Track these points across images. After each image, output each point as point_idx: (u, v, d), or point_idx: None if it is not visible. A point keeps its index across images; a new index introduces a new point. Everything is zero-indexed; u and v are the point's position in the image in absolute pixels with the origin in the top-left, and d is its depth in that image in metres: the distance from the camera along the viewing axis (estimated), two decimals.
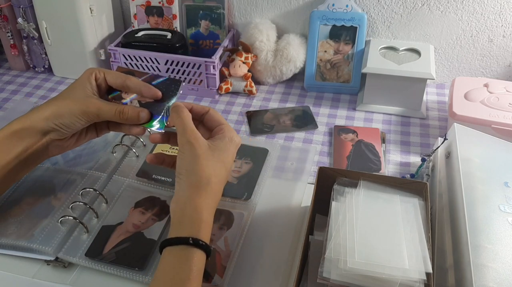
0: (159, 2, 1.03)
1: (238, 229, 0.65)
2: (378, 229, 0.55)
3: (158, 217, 0.67)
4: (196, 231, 0.53)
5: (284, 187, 0.74)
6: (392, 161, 0.82)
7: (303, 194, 0.73)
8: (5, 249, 0.63)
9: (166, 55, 0.97)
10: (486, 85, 0.87)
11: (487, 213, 0.57)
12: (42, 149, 0.61)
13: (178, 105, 0.59)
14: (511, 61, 0.98)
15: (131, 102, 0.60)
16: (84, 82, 0.60)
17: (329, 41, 0.98)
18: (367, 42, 0.98)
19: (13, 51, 1.07)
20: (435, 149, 0.75)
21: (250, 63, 1.00)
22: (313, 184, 0.63)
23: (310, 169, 0.78)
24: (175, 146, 0.63)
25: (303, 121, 0.92)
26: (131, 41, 0.99)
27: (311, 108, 0.96)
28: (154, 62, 0.98)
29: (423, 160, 0.76)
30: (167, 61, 0.97)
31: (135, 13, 1.05)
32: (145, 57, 0.98)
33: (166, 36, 1.00)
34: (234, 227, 0.66)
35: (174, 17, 1.03)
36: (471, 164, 0.65)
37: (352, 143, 0.85)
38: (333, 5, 0.96)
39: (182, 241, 0.52)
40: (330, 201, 0.59)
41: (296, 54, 0.98)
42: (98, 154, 0.78)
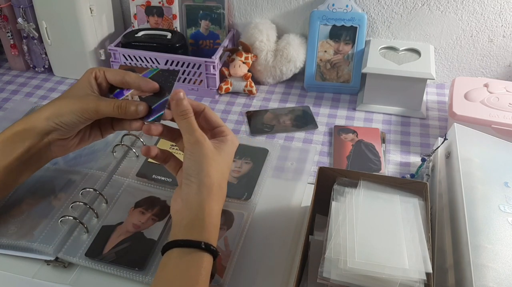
0: (159, 2, 1.03)
1: (238, 229, 0.65)
2: (378, 229, 0.55)
3: (158, 217, 0.67)
4: (207, 235, 0.53)
5: (284, 187, 0.74)
6: (392, 161, 0.82)
7: (303, 194, 0.73)
8: (5, 249, 0.63)
9: (166, 55, 0.97)
10: (486, 85, 0.87)
11: (487, 213, 0.57)
12: (44, 149, 0.61)
13: (181, 103, 0.56)
14: (511, 61, 0.98)
15: (132, 98, 0.60)
16: (84, 82, 0.60)
17: (329, 41, 0.98)
18: (367, 42, 0.98)
19: (13, 51, 1.07)
20: (435, 149, 0.75)
21: (250, 63, 1.00)
22: (313, 184, 0.63)
23: (310, 169, 0.78)
24: (171, 142, 0.62)
25: (303, 121, 0.92)
26: (131, 41, 0.99)
27: (311, 108, 0.96)
28: (154, 62, 0.98)
29: (423, 160, 0.76)
30: (167, 61, 0.97)
31: (135, 13, 1.05)
32: (145, 57, 0.98)
33: (166, 36, 1.00)
34: (234, 227, 0.66)
35: (174, 17, 1.03)
36: (471, 164, 0.65)
37: (352, 143, 0.85)
38: (333, 5, 0.96)
39: (193, 244, 0.52)
40: (330, 201, 0.59)
41: (296, 54, 0.98)
42: (98, 154, 0.78)
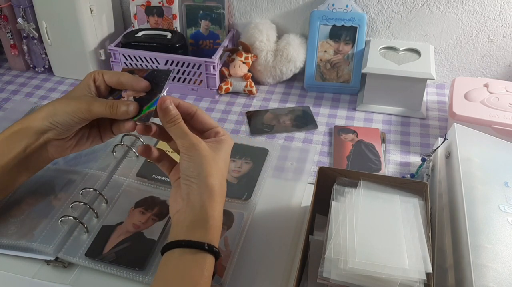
0: (159, 2, 1.03)
1: (238, 229, 0.65)
2: (378, 229, 0.55)
3: (158, 217, 0.67)
4: (210, 236, 0.53)
5: (284, 187, 0.74)
6: (392, 161, 0.82)
7: (303, 194, 0.73)
8: (5, 249, 0.63)
9: (166, 55, 0.97)
10: (486, 85, 0.87)
11: (487, 213, 0.57)
12: (40, 150, 0.61)
13: (168, 112, 0.55)
14: (511, 61, 0.98)
15: (127, 98, 0.60)
16: (83, 84, 0.60)
17: (329, 41, 0.98)
18: (367, 42, 0.98)
19: (13, 51, 1.07)
20: (435, 149, 0.75)
21: (250, 63, 1.00)
22: (313, 184, 0.63)
23: (310, 169, 0.78)
24: (162, 140, 0.62)
25: (303, 121, 0.92)
26: (131, 41, 0.99)
27: (311, 108, 0.96)
28: (154, 62, 0.98)
29: (423, 160, 0.76)
30: (167, 61, 0.97)
31: (135, 13, 1.05)
32: (145, 57, 0.98)
33: (166, 36, 1.00)
34: (234, 227, 0.66)
35: (174, 17, 1.03)
36: (471, 164, 0.65)
37: (352, 143, 0.85)
38: (333, 5, 0.96)
39: (196, 245, 0.52)
40: (330, 201, 0.59)
41: (296, 54, 0.98)
42: (98, 154, 0.78)
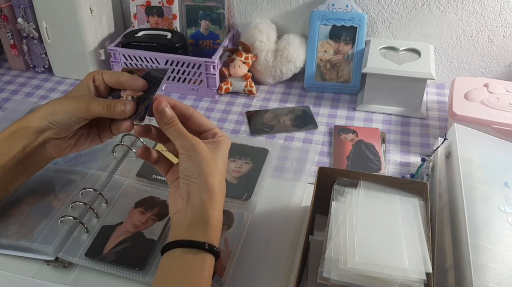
0: (159, 2, 1.03)
1: (238, 229, 0.65)
2: (378, 229, 0.55)
3: (158, 217, 0.67)
4: (211, 236, 0.53)
5: (284, 187, 0.74)
6: (392, 161, 0.82)
7: (303, 194, 0.73)
8: (5, 249, 0.63)
9: (166, 55, 0.97)
10: (486, 85, 0.87)
11: (487, 213, 0.57)
12: (39, 149, 0.61)
13: (165, 114, 0.55)
14: (511, 61, 0.98)
15: (126, 98, 0.60)
16: (82, 84, 0.60)
17: (329, 41, 0.98)
18: (367, 42, 0.98)
19: (13, 51, 1.07)
20: (435, 149, 0.75)
21: (250, 63, 1.00)
22: (313, 184, 0.63)
23: (310, 169, 0.78)
24: (159, 142, 0.62)
25: (303, 121, 0.92)
26: (131, 41, 0.99)
27: (311, 108, 0.96)
28: (154, 62, 0.98)
29: (423, 160, 0.76)
30: (167, 61, 0.97)
31: (135, 13, 1.05)
32: (145, 57, 0.98)
33: (166, 36, 1.00)
34: (234, 227, 0.66)
35: (174, 17, 1.03)
36: (471, 164, 0.65)
37: (352, 143, 0.85)
38: (333, 5, 0.96)
39: (197, 245, 0.52)
40: (330, 201, 0.59)
41: (296, 54, 0.98)
42: (98, 154, 0.78)
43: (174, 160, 0.61)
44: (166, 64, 0.97)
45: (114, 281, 0.60)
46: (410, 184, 0.61)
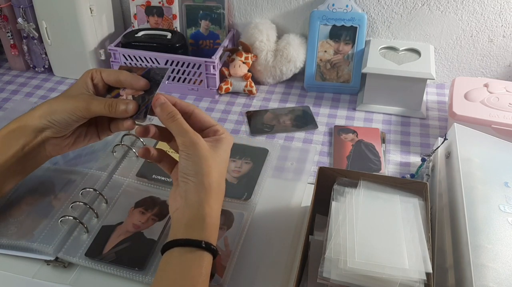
0: (159, 2, 1.03)
1: (238, 229, 0.65)
2: (378, 229, 0.55)
3: (158, 217, 0.67)
4: (208, 234, 0.53)
5: (284, 187, 0.74)
6: (392, 161, 0.82)
7: (303, 194, 0.73)
8: (5, 249, 0.63)
9: (166, 55, 0.97)
10: (486, 85, 0.87)
11: (487, 213, 0.57)
12: (38, 148, 0.61)
13: (166, 106, 0.56)
14: (511, 61, 0.98)
15: (126, 97, 0.59)
16: (81, 82, 0.60)
17: (329, 41, 0.98)
18: (367, 42, 0.98)
19: (13, 51, 1.07)
20: (435, 149, 0.75)
21: (250, 63, 1.00)
22: (313, 184, 0.63)
23: (310, 169, 0.78)
24: (162, 141, 0.62)
25: (303, 121, 0.92)
26: (131, 41, 0.99)
27: (311, 108, 0.96)
28: (154, 62, 0.98)
29: (423, 160, 0.76)
30: (167, 61, 0.97)
31: (135, 13, 1.05)
32: (145, 57, 0.98)
33: (166, 36, 1.00)
34: (234, 227, 0.66)
35: (174, 17, 1.03)
36: (471, 164, 0.65)
37: (352, 143, 0.85)
38: (333, 5, 0.96)
39: (194, 243, 0.52)
40: (330, 201, 0.59)
41: (296, 54, 0.98)
42: (98, 154, 0.78)
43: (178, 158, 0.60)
44: (166, 64, 0.97)
45: (114, 281, 0.60)
46: (410, 184, 0.61)
